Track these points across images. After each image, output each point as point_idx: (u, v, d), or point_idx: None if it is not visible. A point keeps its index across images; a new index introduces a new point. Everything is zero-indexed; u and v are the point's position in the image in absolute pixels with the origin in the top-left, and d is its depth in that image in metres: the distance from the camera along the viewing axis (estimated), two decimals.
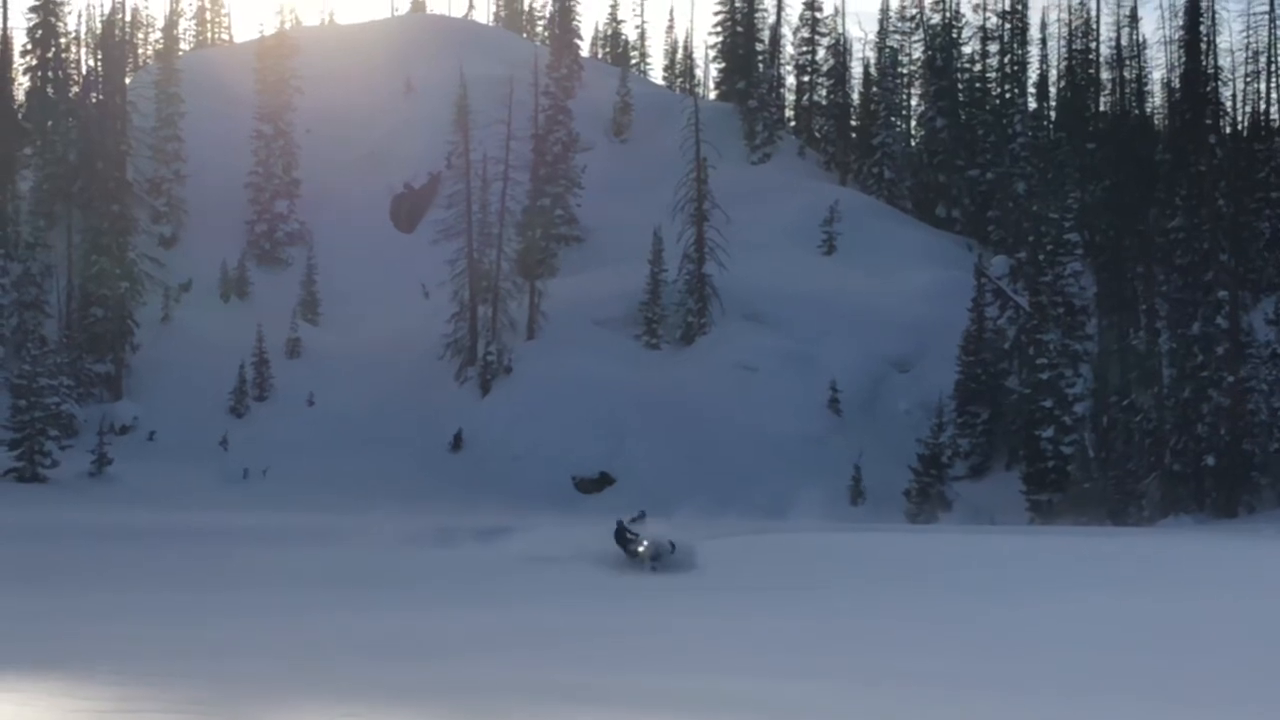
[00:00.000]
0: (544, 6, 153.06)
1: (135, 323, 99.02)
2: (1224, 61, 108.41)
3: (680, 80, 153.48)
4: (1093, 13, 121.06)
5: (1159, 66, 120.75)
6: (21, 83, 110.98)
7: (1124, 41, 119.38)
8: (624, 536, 50.24)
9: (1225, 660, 30.19)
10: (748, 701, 23.64)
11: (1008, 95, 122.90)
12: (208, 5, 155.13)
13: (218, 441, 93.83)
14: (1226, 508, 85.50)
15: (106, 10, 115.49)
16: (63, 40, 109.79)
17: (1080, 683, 26.95)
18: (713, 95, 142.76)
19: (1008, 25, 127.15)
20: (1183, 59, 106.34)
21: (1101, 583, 46.42)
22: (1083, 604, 40.88)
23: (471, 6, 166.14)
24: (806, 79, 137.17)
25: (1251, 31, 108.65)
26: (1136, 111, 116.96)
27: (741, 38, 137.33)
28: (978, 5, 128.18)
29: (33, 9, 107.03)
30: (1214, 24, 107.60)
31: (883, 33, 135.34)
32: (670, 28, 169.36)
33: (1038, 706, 24.28)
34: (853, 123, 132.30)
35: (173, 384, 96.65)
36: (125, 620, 35.56)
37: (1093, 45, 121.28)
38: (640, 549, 49.56)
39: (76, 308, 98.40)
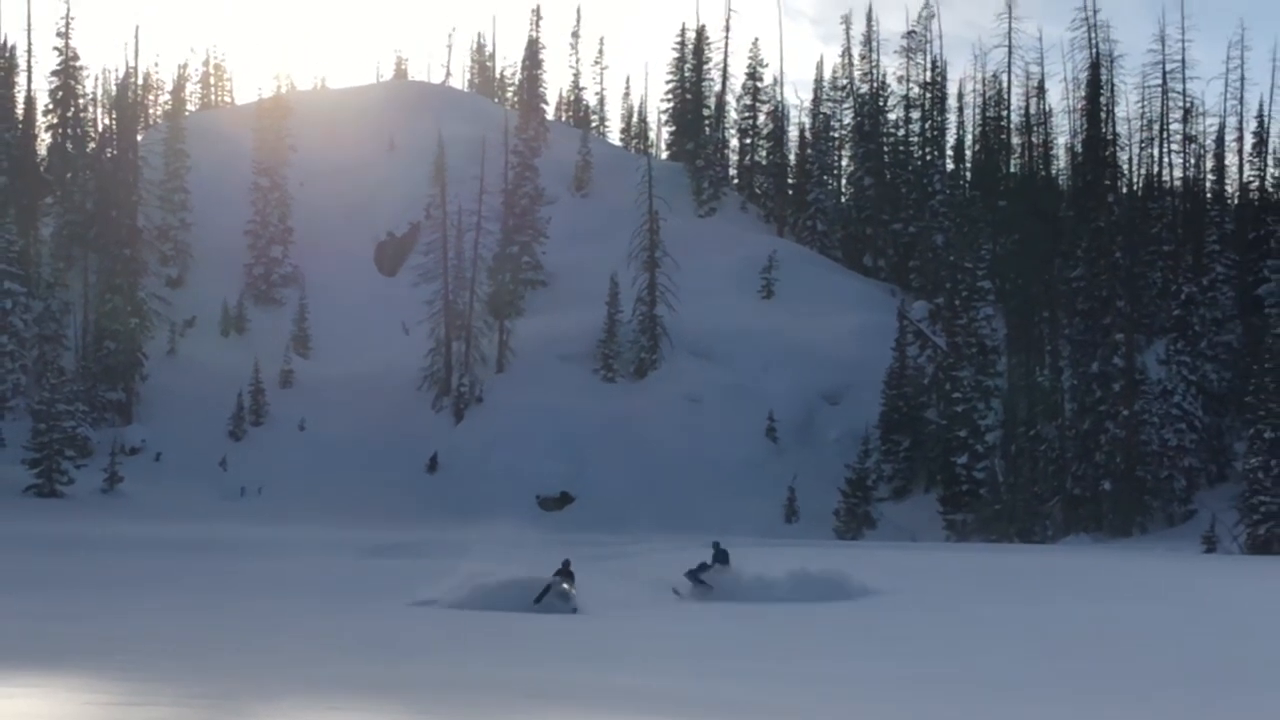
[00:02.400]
0: (514, 74, 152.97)
1: (144, 355, 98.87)
2: (1121, 129, 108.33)
3: (635, 141, 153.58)
4: (1004, 84, 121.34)
5: (1063, 133, 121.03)
6: (44, 139, 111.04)
7: (1032, 110, 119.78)
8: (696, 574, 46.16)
9: (1116, 657, 30.38)
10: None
11: (928, 157, 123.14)
12: (211, 70, 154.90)
13: (218, 462, 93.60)
14: (1121, 528, 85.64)
15: (121, 74, 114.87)
16: (81, 101, 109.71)
17: (1009, 680, 27.09)
18: (664, 155, 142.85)
19: (928, 95, 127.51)
20: (1084, 126, 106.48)
21: (1011, 594, 46.58)
22: (996, 611, 41.03)
23: (449, 74, 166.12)
24: (748, 141, 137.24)
25: (1146, 102, 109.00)
26: (1043, 172, 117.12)
27: (690, 104, 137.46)
28: (902, 77, 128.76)
29: (54, 73, 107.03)
30: (1112, 95, 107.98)
31: (817, 100, 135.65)
32: (627, 94, 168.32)
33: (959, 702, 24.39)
34: (789, 181, 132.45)
35: (178, 410, 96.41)
36: (133, 621, 35.45)
37: (1004, 113, 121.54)
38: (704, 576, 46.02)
39: (92, 341, 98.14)
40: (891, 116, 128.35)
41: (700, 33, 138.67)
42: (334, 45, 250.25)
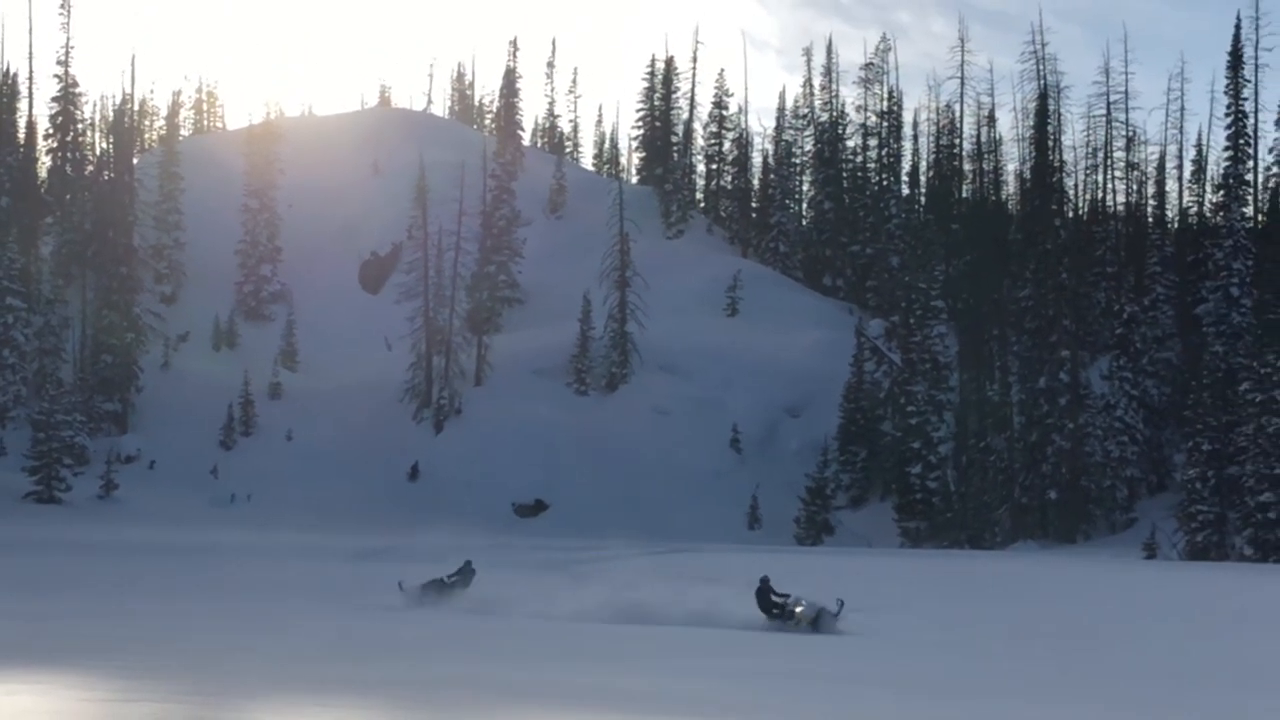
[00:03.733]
0: (492, 102, 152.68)
1: (140, 368, 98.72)
2: (1068, 156, 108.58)
3: (607, 166, 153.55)
4: (957, 114, 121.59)
5: (1013, 160, 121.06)
6: (44, 162, 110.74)
7: (983, 139, 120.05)
8: (769, 599, 37.90)
9: (1060, 652, 30.53)
10: None
11: (884, 182, 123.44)
12: (205, 97, 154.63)
13: (209, 470, 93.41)
14: (1066, 535, 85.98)
15: (118, 101, 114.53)
16: (80, 126, 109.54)
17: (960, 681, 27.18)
18: (635, 179, 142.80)
19: (885, 124, 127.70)
20: (1033, 154, 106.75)
21: (962, 594, 46.71)
22: (948, 611, 41.13)
23: (430, 101, 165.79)
24: (714, 167, 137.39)
25: (1091, 131, 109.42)
26: (993, 198, 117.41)
27: (659, 131, 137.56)
28: (860, 106, 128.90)
29: (54, 99, 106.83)
30: (1059, 124, 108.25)
31: (780, 128, 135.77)
32: (599, 122, 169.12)
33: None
34: (753, 204, 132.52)
35: (171, 420, 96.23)
36: (128, 622, 35.38)
37: (957, 141, 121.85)
38: (799, 610, 37.09)
39: (89, 354, 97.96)
40: (850, 144, 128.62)
41: (669, 64, 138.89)
42: (321, 74, 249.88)
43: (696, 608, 38.66)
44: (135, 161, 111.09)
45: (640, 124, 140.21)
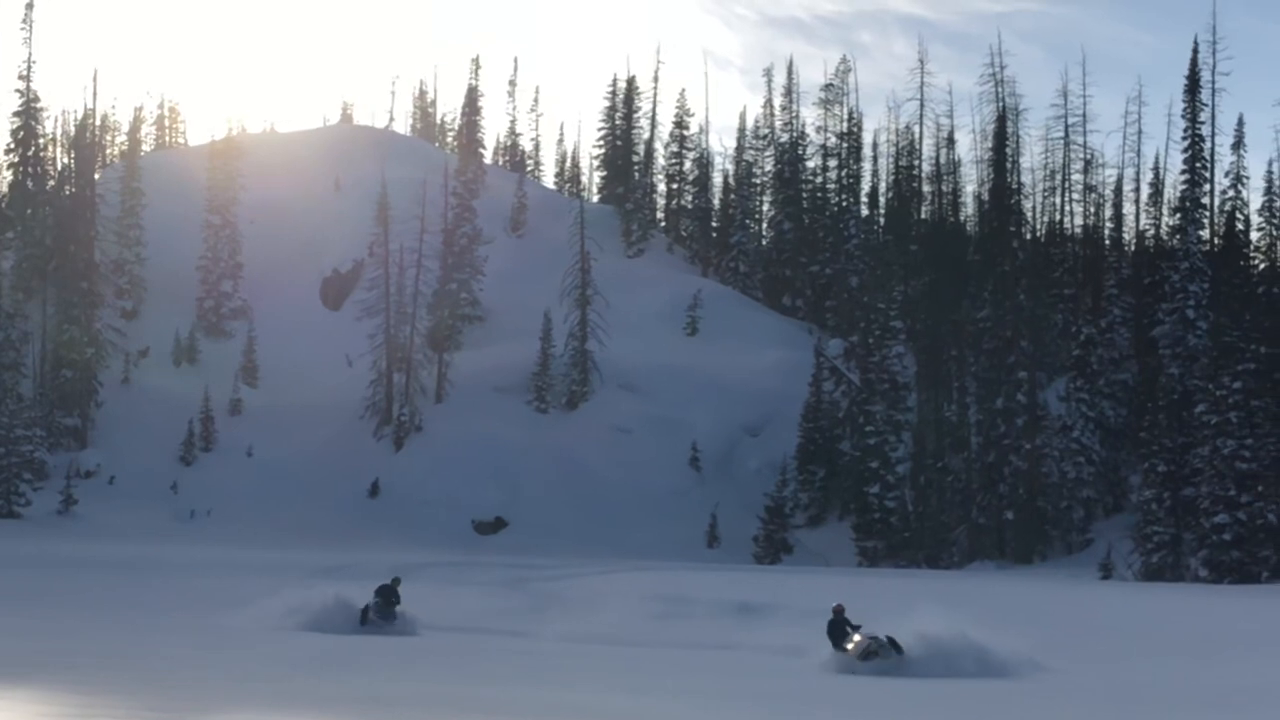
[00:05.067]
0: (454, 120, 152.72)
1: (100, 383, 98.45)
2: (1026, 178, 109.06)
3: (568, 185, 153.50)
4: (916, 135, 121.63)
5: (971, 181, 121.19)
6: (5, 176, 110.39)
7: (942, 160, 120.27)
8: (844, 630, 35.28)
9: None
10: None
11: (844, 203, 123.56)
12: (166, 113, 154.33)
13: (169, 486, 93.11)
14: (1023, 555, 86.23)
15: (80, 115, 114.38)
16: (41, 140, 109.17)
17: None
18: (596, 198, 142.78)
19: (845, 145, 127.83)
20: (991, 175, 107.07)
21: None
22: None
23: (392, 118, 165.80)
24: (675, 186, 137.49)
25: (1049, 153, 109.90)
26: (952, 219, 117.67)
27: (620, 150, 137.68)
28: (820, 127, 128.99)
29: (16, 114, 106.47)
30: (1017, 146, 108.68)
31: (740, 148, 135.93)
32: (560, 140, 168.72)
33: None
34: (713, 224, 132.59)
35: (131, 436, 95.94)
36: (88, 637, 35.36)
37: (916, 163, 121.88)
38: (850, 644, 34.70)
39: (49, 369, 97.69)
40: (810, 164, 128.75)
41: (630, 83, 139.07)
42: (283, 91, 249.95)
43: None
44: (97, 177, 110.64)
45: (601, 143, 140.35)
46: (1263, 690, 30.40)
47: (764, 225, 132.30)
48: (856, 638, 34.45)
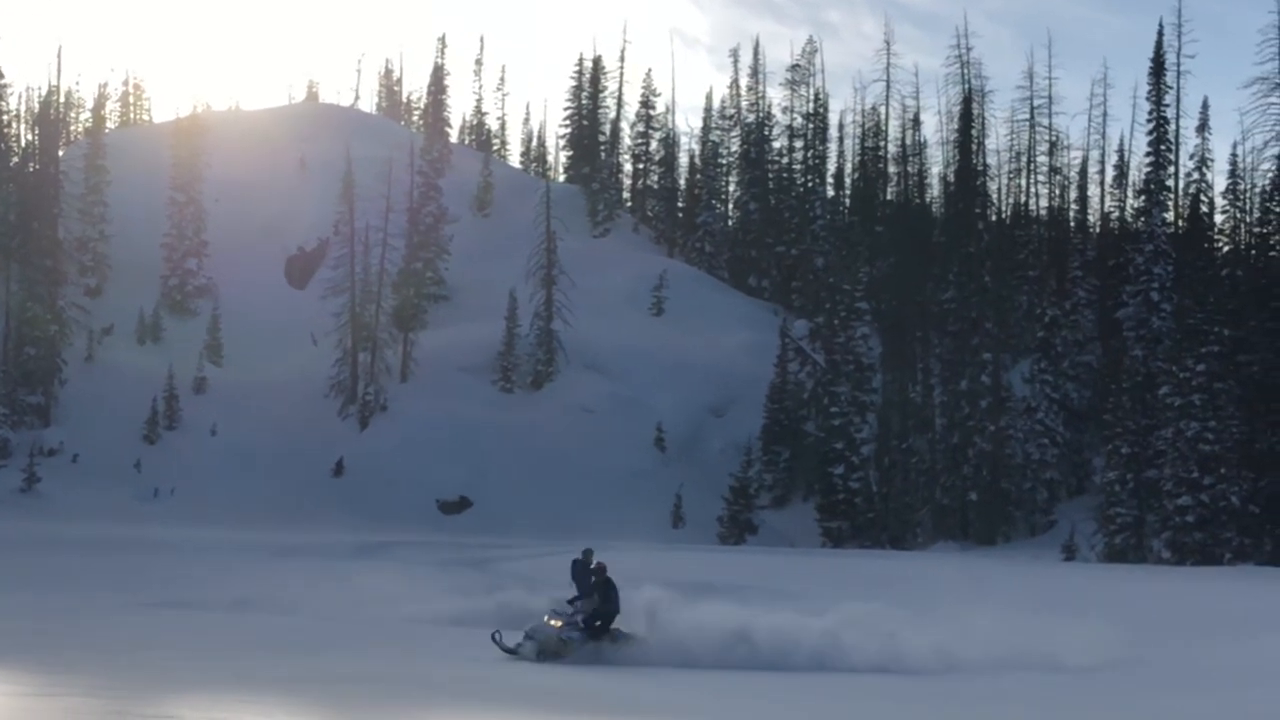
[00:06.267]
0: (420, 99, 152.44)
1: (63, 361, 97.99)
2: (991, 160, 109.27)
3: (535, 164, 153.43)
4: (882, 116, 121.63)
5: (937, 163, 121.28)
6: None
7: (908, 141, 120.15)
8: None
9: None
10: None
11: (810, 184, 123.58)
12: (131, 90, 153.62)
13: (133, 464, 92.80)
14: (986, 536, 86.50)
15: (43, 92, 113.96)
16: (4, 117, 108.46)
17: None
18: (562, 178, 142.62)
19: (811, 125, 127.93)
20: (957, 157, 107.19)
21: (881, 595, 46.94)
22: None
23: (358, 97, 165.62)
24: (641, 166, 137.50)
25: (1014, 135, 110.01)
26: (918, 200, 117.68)
27: (587, 130, 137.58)
28: (786, 108, 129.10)
29: None
30: (983, 128, 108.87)
31: (706, 129, 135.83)
32: (527, 120, 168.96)
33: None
34: (679, 204, 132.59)
35: (95, 414, 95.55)
36: (49, 616, 35.29)
37: (882, 144, 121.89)
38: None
39: (12, 347, 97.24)
40: (776, 145, 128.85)
41: (597, 63, 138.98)
42: (249, 69, 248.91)
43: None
44: (60, 154, 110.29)
45: (568, 123, 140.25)
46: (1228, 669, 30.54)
47: (730, 206, 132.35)
48: (554, 622, 30.90)
